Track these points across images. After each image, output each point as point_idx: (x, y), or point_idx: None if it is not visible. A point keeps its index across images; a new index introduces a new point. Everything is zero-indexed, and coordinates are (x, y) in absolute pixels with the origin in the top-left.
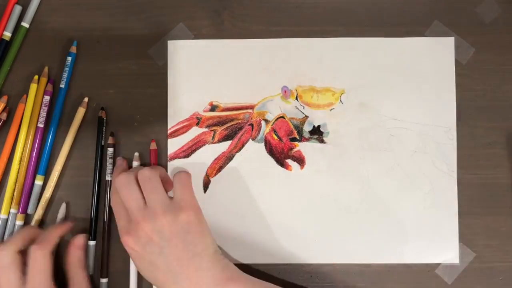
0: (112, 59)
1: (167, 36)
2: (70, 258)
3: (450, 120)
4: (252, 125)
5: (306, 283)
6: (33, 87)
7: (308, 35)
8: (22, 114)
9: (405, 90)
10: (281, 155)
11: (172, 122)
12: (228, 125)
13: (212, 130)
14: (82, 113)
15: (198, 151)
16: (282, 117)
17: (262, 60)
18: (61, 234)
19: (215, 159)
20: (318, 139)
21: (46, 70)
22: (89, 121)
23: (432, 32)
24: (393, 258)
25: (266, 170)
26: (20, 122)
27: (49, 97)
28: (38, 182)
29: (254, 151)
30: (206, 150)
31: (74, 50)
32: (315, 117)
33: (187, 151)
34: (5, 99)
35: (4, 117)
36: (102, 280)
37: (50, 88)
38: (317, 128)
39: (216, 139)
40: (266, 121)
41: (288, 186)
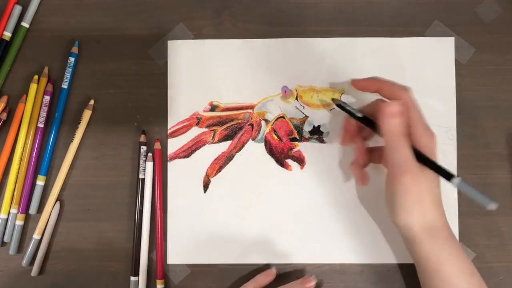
0: (112, 59)
1: (167, 36)
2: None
3: (450, 120)
4: (252, 125)
5: None
6: (33, 87)
7: (308, 35)
8: (22, 114)
9: None
10: (281, 155)
11: (172, 122)
12: (228, 125)
13: (212, 130)
14: (88, 115)
15: (198, 151)
16: (282, 117)
17: (262, 60)
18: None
19: (215, 159)
20: (318, 139)
21: (46, 70)
22: (90, 121)
23: (432, 32)
24: (393, 258)
25: (266, 170)
26: (20, 122)
27: (49, 97)
28: (40, 182)
29: (254, 151)
30: (206, 150)
31: (75, 50)
32: (315, 117)
33: (187, 151)
34: (5, 99)
35: (4, 117)
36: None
37: (50, 88)
38: (317, 128)
39: (216, 139)
40: (266, 121)
41: (288, 186)
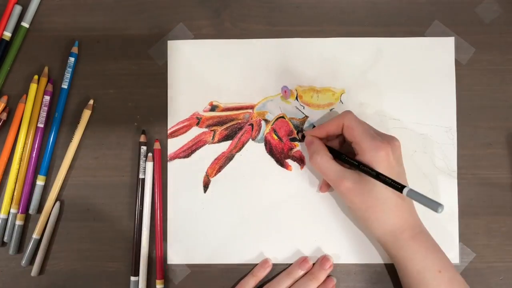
0: (112, 59)
1: (167, 36)
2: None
3: (450, 120)
4: (252, 125)
5: None
6: (33, 87)
7: (308, 35)
8: (22, 114)
9: (405, 90)
10: (281, 155)
11: (172, 122)
12: (228, 125)
13: (212, 130)
14: (88, 115)
15: (198, 151)
16: (282, 117)
17: (262, 60)
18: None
19: (215, 159)
20: None
21: (46, 70)
22: (89, 121)
23: (432, 32)
24: None
25: (266, 170)
26: (20, 122)
27: (49, 97)
28: (40, 182)
29: (254, 151)
30: (206, 150)
31: (75, 50)
32: (315, 117)
33: (187, 151)
34: (5, 99)
35: (4, 117)
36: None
37: (50, 88)
38: None
39: (216, 139)
40: (266, 121)
41: (288, 186)
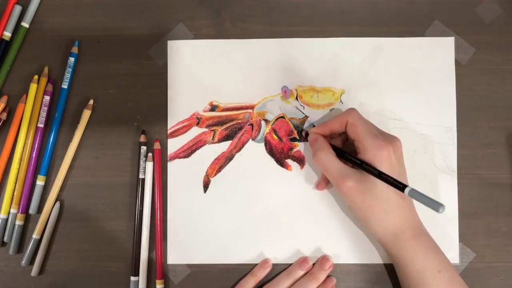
0: (112, 59)
1: (167, 36)
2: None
3: (450, 120)
4: (252, 125)
5: None
6: (33, 87)
7: (308, 35)
8: (22, 114)
9: (405, 90)
10: (281, 155)
11: (172, 122)
12: (228, 125)
13: (212, 130)
14: (88, 115)
15: (198, 151)
16: (282, 117)
17: (262, 60)
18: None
19: (215, 159)
20: None
21: (46, 70)
22: (89, 121)
23: (432, 32)
24: None
25: (266, 170)
26: (20, 122)
27: (49, 97)
28: (40, 182)
29: (254, 151)
30: (206, 150)
31: (75, 50)
32: (315, 117)
33: (187, 151)
34: (5, 99)
35: (4, 117)
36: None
37: (50, 88)
38: None
39: (216, 139)
40: (266, 121)
41: (288, 186)
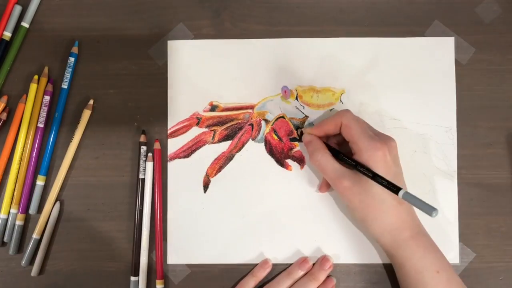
0: (112, 59)
1: (167, 36)
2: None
3: (450, 120)
4: (252, 125)
5: None
6: (33, 87)
7: (308, 35)
8: (22, 114)
9: (405, 90)
10: (281, 155)
11: (172, 122)
12: (228, 125)
13: (212, 130)
14: (88, 115)
15: (198, 151)
16: (282, 117)
17: (262, 60)
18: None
19: (215, 159)
20: None
21: (46, 70)
22: (89, 121)
23: (432, 32)
24: None
25: (266, 170)
26: (20, 122)
27: (49, 97)
28: (40, 182)
29: (254, 151)
30: (206, 150)
31: (75, 50)
32: (315, 117)
33: (187, 151)
34: (5, 99)
35: (4, 117)
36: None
37: (50, 88)
38: None
39: (216, 139)
40: (266, 121)
41: (288, 186)
